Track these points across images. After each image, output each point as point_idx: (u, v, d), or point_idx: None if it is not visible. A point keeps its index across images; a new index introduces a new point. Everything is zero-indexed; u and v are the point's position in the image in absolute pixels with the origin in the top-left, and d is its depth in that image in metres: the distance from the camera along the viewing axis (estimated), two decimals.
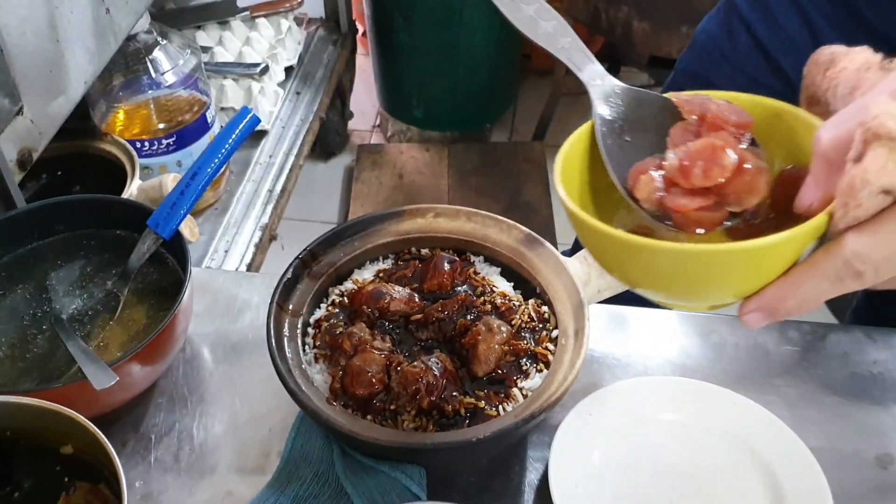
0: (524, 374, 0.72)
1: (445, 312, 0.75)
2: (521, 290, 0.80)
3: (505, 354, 0.73)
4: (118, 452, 0.58)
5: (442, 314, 0.75)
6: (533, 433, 0.77)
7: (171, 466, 0.76)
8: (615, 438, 0.75)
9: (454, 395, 0.70)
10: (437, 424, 0.69)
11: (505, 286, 0.80)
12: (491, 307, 0.77)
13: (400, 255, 0.83)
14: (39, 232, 0.86)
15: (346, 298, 0.78)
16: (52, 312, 0.81)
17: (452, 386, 0.70)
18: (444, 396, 0.69)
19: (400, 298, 0.76)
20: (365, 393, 0.69)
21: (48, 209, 0.86)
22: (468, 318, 0.75)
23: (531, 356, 0.73)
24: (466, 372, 0.73)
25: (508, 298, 0.78)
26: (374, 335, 0.74)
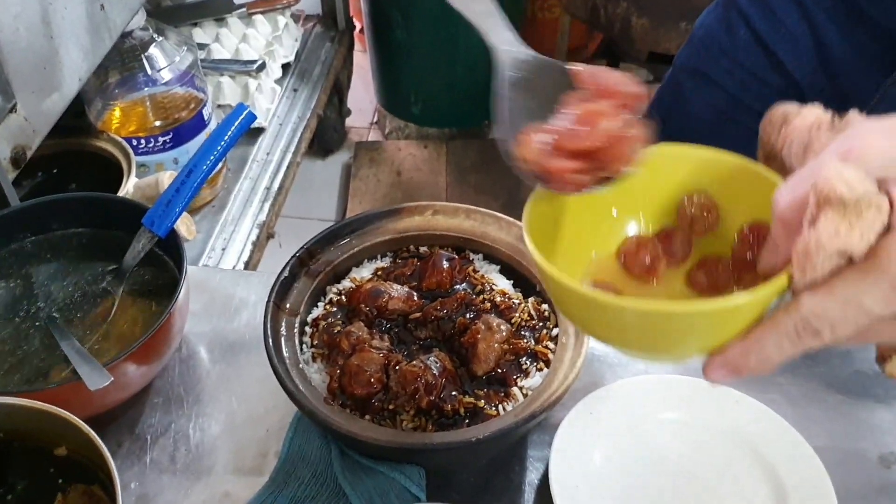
0: (524, 372, 0.72)
1: (444, 311, 0.75)
2: (520, 288, 0.79)
3: (505, 353, 0.72)
4: (113, 453, 0.57)
5: (441, 313, 0.74)
6: (533, 432, 0.76)
7: (166, 467, 0.75)
8: (616, 437, 0.75)
9: (453, 394, 0.69)
10: (436, 424, 0.68)
11: (504, 284, 0.79)
12: (490, 305, 0.76)
13: (398, 253, 0.83)
14: (33, 230, 0.85)
15: (343, 297, 0.78)
16: (45, 311, 0.80)
17: (452, 385, 0.70)
18: (443, 396, 0.68)
19: (398, 297, 0.75)
20: (363, 392, 0.69)
21: (42, 207, 0.85)
22: (467, 316, 0.74)
23: (531, 355, 0.73)
24: (466, 371, 0.72)
25: (508, 296, 0.77)
26: (372, 334, 0.73)
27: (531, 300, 0.77)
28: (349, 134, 2.56)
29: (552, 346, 0.73)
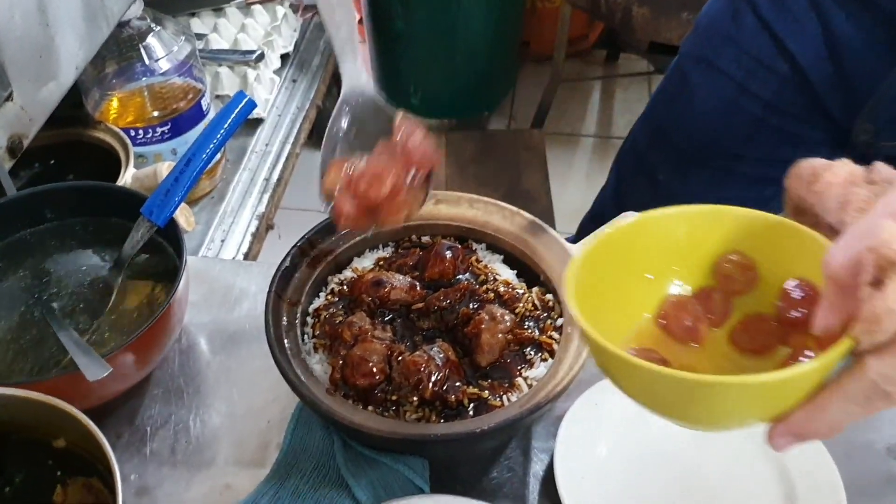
0: (528, 363, 0.71)
1: (447, 301, 0.74)
2: (524, 277, 0.78)
3: (509, 344, 0.71)
4: (112, 445, 0.56)
5: (444, 303, 0.73)
6: (538, 423, 0.76)
7: (167, 459, 0.75)
8: (622, 429, 0.74)
9: (457, 385, 0.68)
10: (440, 415, 0.67)
11: (508, 274, 0.78)
12: (494, 295, 0.75)
13: (400, 242, 0.82)
14: (31, 220, 0.84)
15: (345, 287, 0.77)
16: (43, 302, 0.79)
17: (455, 376, 0.69)
18: (446, 387, 0.68)
19: (401, 287, 0.74)
20: (366, 383, 0.68)
21: (39, 196, 0.84)
22: (471, 306, 0.74)
23: (535, 345, 0.72)
24: (469, 362, 0.71)
25: (512, 287, 0.76)
26: (374, 324, 0.72)
27: (535, 290, 0.76)
28: None
29: (557, 336, 0.72)
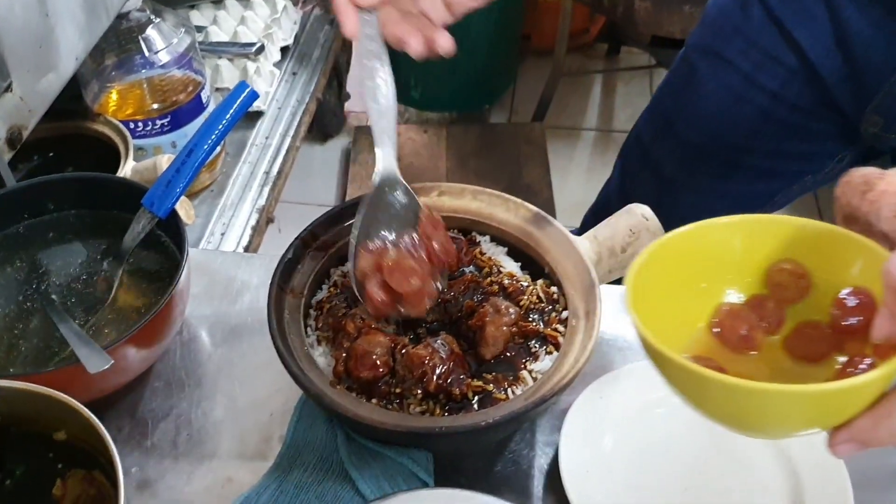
0: (533, 356, 0.70)
1: (451, 294, 0.73)
2: (528, 270, 0.78)
3: (513, 336, 0.71)
4: (113, 438, 0.56)
5: (448, 295, 0.73)
6: (542, 417, 0.75)
7: (168, 452, 0.74)
8: (627, 422, 0.73)
9: (461, 378, 0.68)
10: (444, 408, 0.67)
11: (512, 266, 0.78)
12: (498, 288, 0.75)
13: None
14: (31, 211, 0.83)
15: (348, 279, 0.76)
16: (43, 294, 0.78)
17: (459, 369, 0.68)
18: (451, 380, 0.67)
19: None
20: (369, 376, 0.67)
21: (39, 187, 0.83)
22: (475, 299, 0.73)
23: (540, 338, 0.71)
24: (473, 354, 0.71)
25: (516, 279, 0.76)
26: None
27: (539, 283, 0.75)
28: (348, 118, 2.53)
29: (562, 328, 0.72)
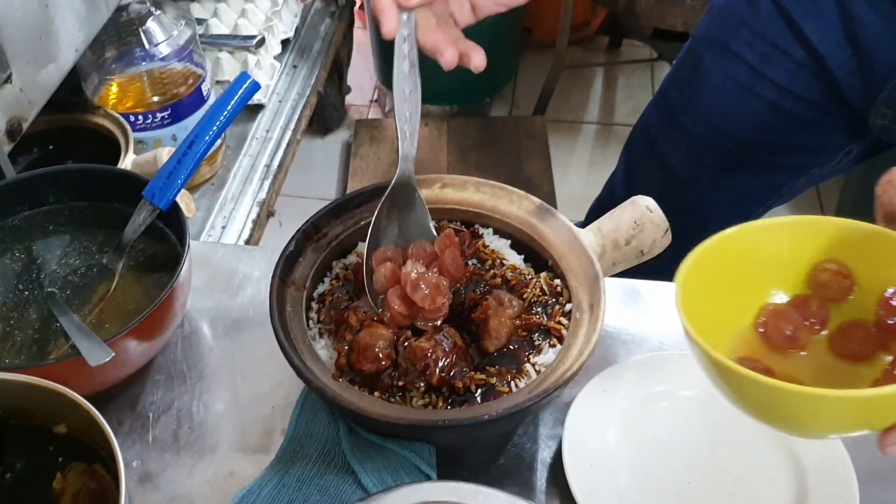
0: (537, 349, 0.70)
1: (454, 286, 0.72)
2: (532, 262, 0.77)
3: (516, 329, 0.70)
4: (114, 431, 0.55)
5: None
6: (545, 410, 0.75)
7: (169, 445, 0.74)
8: (631, 415, 0.73)
9: (464, 371, 0.67)
10: (447, 401, 0.66)
11: (515, 259, 0.77)
12: (501, 281, 0.74)
13: None
14: (31, 203, 0.83)
15: (350, 272, 0.75)
16: (44, 286, 0.78)
17: (462, 362, 0.68)
18: (453, 372, 0.67)
19: None
20: (372, 369, 0.67)
21: (38, 179, 0.83)
22: (477, 292, 0.73)
23: (544, 331, 0.71)
24: (477, 348, 0.70)
25: (519, 272, 0.75)
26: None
27: (543, 275, 0.75)
28: (349, 112, 2.53)
29: (565, 321, 0.71)
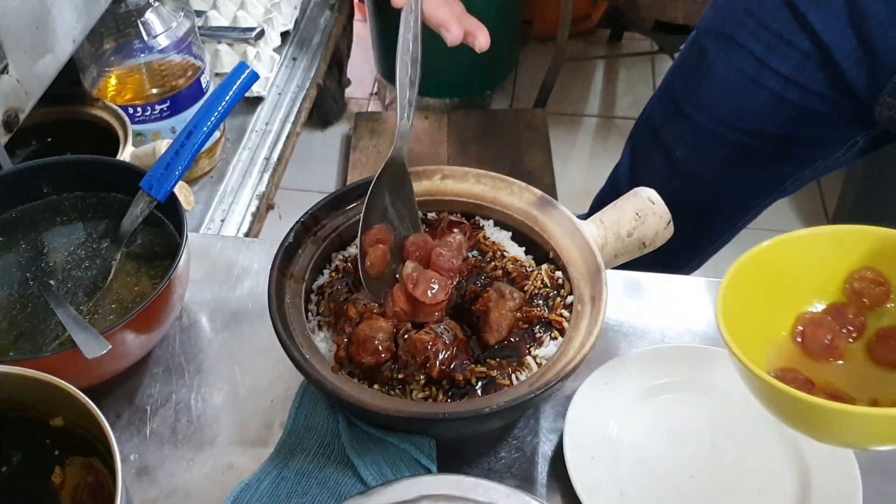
0: (538, 342, 0.69)
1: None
2: (533, 254, 0.77)
3: (517, 322, 0.70)
4: (112, 425, 0.55)
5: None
6: (546, 403, 0.74)
7: (167, 439, 0.73)
8: (632, 409, 0.72)
9: (465, 363, 0.67)
10: (447, 394, 0.66)
11: (516, 251, 0.77)
12: (502, 273, 0.73)
13: None
14: (28, 194, 0.82)
15: (349, 264, 0.75)
16: (40, 278, 0.77)
17: (463, 354, 0.67)
18: (454, 365, 0.66)
19: None
20: (372, 361, 0.66)
21: (36, 170, 0.82)
22: (478, 284, 0.72)
23: (545, 323, 0.70)
24: (477, 340, 0.70)
25: (520, 264, 0.75)
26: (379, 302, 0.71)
27: (544, 267, 0.74)
28: (349, 105, 2.52)
29: (567, 314, 0.71)
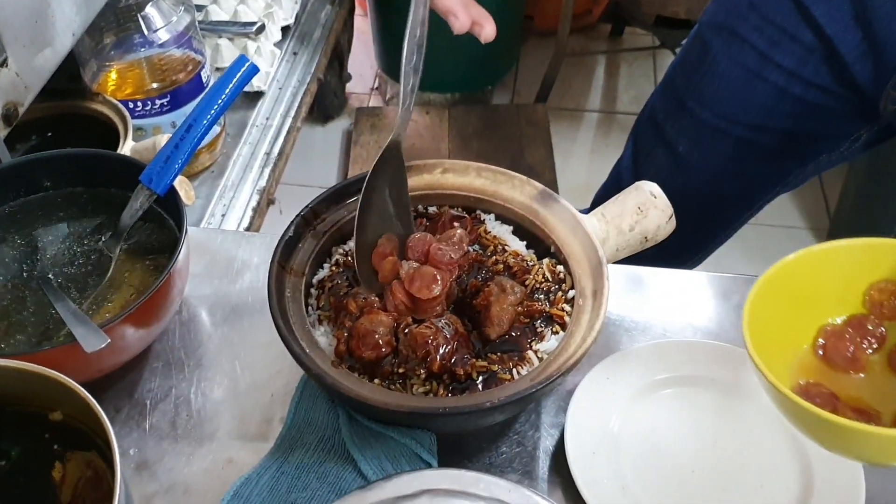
0: (539, 336, 0.69)
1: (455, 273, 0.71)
2: (534, 249, 0.76)
3: (518, 316, 0.69)
4: (111, 419, 0.55)
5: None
6: (547, 398, 0.74)
7: (167, 433, 0.73)
8: (633, 404, 0.72)
9: (466, 358, 0.66)
10: (448, 388, 0.65)
11: (518, 245, 0.76)
12: (503, 267, 0.73)
13: None
14: (27, 188, 0.82)
15: (350, 258, 0.75)
16: (39, 272, 0.77)
17: (464, 349, 0.67)
18: (455, 360, 0.66)
19: None
20: (372, 355, 0.66)
21: (36, 164, 0.82)
22: (479, 278, 0.72)
23: (546, 318, 0.70)
24: (478, 334, 0.69)
25: (521, 258, 0.74)
26: (380, 296, 0.70)
27: (545, 261, 0.74)
28: (349, 100, 2.51)
29: (568, 308, 0.70)
